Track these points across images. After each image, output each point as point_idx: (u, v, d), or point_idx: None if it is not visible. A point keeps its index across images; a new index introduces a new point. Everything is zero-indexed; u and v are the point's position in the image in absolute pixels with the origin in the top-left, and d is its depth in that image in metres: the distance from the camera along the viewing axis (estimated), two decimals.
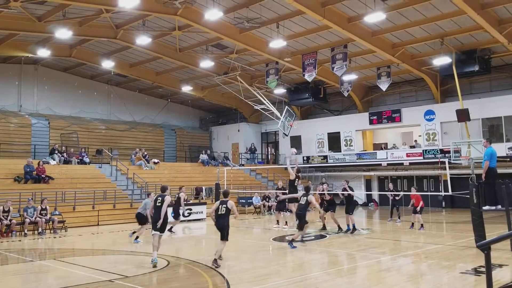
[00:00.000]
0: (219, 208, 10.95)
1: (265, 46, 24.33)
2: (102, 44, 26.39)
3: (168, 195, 11.39)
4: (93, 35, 24.25)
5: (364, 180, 31.93)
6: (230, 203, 10.95)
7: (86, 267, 10.75)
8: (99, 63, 27.86)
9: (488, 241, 4.14)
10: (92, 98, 32.47)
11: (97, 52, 27.74)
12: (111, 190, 22.35)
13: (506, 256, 10.91)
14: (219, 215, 10.92)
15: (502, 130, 25.56)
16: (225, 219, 10.89)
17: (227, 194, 11.33)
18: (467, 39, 23.09)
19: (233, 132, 37.16)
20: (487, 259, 4.01)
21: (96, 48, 27.20)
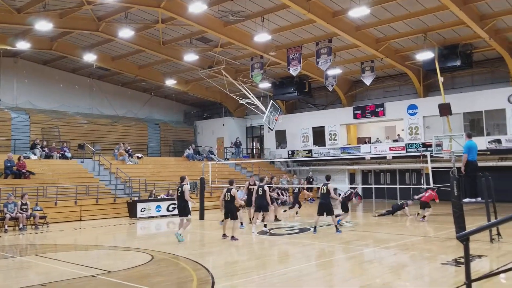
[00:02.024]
0: (225, 195, 13.31)
1: (250, 40, 24.26)
2: (83, 36, 26.03)
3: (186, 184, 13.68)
4: (74, 28, 23.90)
5: (348, 174, 32.15)
6: (233, 191, 13.16)
7: (68, 263, 10.63)
8: (81, 56, 27.46)
9: (466, 232, 4.20)
10: (73, 92, 32.04)
11: (78, 45, 27.35)
12: (93, 185, 22.14)
13: (485, 247, 11.09)
14: (226, 201, 13.23)
15: (482, 124, 25.95)
16: (232, 204, 13.10)
17: (232, 183, 13.63)
18: (449, 34, 23.33)
19: (218, 127, 37.06)
20: (466, 250, 4.07)
21: (78, 41, 26.83)
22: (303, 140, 33.39)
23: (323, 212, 14.45)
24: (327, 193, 14.44)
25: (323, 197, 14.56)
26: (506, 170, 24.74)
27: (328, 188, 14.39)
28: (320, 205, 14.63)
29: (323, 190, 14.54)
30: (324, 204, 14.48)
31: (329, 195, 14.44)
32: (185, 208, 13.47)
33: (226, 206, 13.34)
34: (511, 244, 11.64)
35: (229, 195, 13.22)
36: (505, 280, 8.04)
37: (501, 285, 7.73)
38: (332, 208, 14.56)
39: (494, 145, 24.71)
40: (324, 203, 14.49)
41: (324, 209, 14.47)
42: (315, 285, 8.18)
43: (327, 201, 14.44)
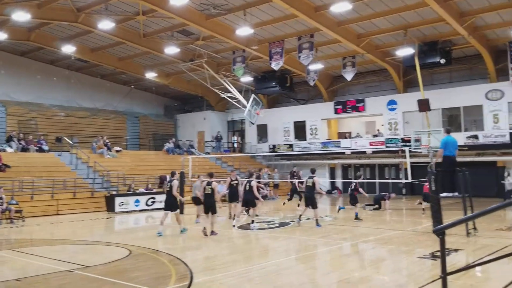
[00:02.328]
0: (205, 188, 13.08)
1: (232, 34, 24.10)
2: (62, 28, 25.53)
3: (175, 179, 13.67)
4: (52, 19, 23.40)
5: (329, 168, 32.34)
6: (214, 184, 12.99)
7: (44, 258, 10.46)
8: (59, 47, 26.88)
9: (442, 226, 4.23)
10: (51, 84, 31.38)
11: (57, 36, 26.82)
12: (71, 178, 21.83)
13: (462, 241, 11.27)
14: (206, 195, 13.00)
15: (460, 120, 26.34)
16: (212, 198, 12.91)
17: (212, 175, 13.56)
18: (429, 30, 23.55)
19: (199, 120, 36.85)
20: (441, 244, 4.09)
21: (56, 32, 26.31)
22: (285, 135, 33.45)
23: (309, 205, 14.69)
24: (313, 186, 14.68)
25: (309, 190, 14.80)
26: (483, 165, 25.17)
27: (314, 181, 14.64)
28: (306, 198, 14.90)
29: (308, 183, 14.79)
30: (309, 197, 14.73)
31: (315, 188, 14.63)
32: (174, 203, 13.42)
33: (206, 200, 13.10)
34: (487, 238, 11.84)
35: (210, 189, 12.97)
36: (481, 273, 8.17)
37: (477, 278, 7.85)
38: (316, 202, 14.78)
39: (472, 141, 25.09)
40: (309, 196, 14.74)
41: (309, 202, 14.68)
42: (295, 279, 8.19)
43: (313, 194, 14.70)
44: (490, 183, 24.88)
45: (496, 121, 24.69)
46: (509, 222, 15.38)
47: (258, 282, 7.94)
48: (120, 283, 7.94)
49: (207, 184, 13.10)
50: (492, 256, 8.20)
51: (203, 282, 7.87)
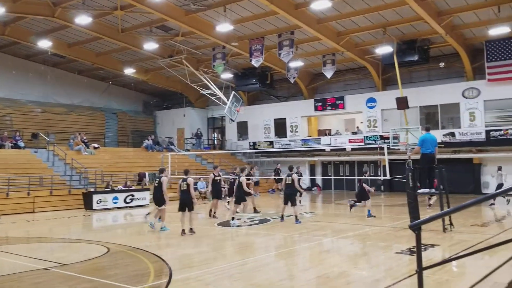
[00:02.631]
0: (181, 185, 12.81)
1: (211, 30, 23.99)
2: (38, 22, 25.06)
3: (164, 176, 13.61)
4: (28, 13, 22.96)
5: (309, 165, 32.50)
6: (190, 180, 12.78)
7: (20, 256, 10.27)
8: (35, 42, 26.37)
9: (418, 221, 4.27)
10: (27, 79, 30.76)
11: (33, 31, 26.29)
12: (47, 176, 21.46)
13: (438, 237, 11.44)
14: (182, 191, 12.77)
15: (438, 118, 26.74)
16: (188, 194, 12.64)
17: (187, 172, 13.28)
18: (408, 29, 23.82)
19: (178, 117, 36.60)
20: (417, 239, 4.14)
21: (32, 26, 25.80)
22: (265, 132, 33.48)
23: (288, 202, 14.81)
24: (292, 183, 14.79)
25: (288, 188, 14.88)
26: (460, 162, 25.62)
27: (293, 179, 14.77)
28: (285, 195, 14.97)
29: (288, 181, 14.88)
30: (288, 195, 14.83)
31: (294, 185, 14.77)
32: (161, 199, 13.47)
33: (182, 197, 12.88)
34: (463, 233, 12.04)
35: (185, 185, 12.79)
36: (456, 268, 8.30)
37: (452, 273, 7.97)
38: (295, 199, 14.98)
39: (448, 138, 25.52)
40: (288, 193, 14.83)
41: (288, 200, 14.79)
42: (274, 275, 8.20)
43: (293, 191, 14.84)
44: (466, 179, 25.35)
45: (473, 119, 25.14)
46: (484, 218, 15.68)
47: (237, 279, 7.93)
48: (97, 281, 7.85)
49: (182, 181, 12.86)
50: (467, 251, 8.35)
51: (182, 279, 7.83)
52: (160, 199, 13.50)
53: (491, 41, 24.00)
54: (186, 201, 12.71)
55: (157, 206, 13.81)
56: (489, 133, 24.40)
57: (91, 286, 7.61)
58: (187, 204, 12.72)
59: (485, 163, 25.80)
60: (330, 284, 7.32)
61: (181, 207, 12.81)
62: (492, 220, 14.86)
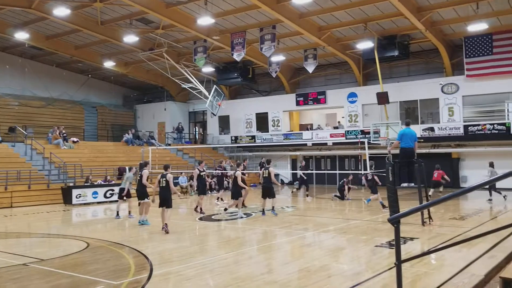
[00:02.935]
0: (160, 181, 12.35)
1: (193, 23, 23.81)
2: (15, 14, 24.52)
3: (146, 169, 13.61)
4: (5, 4, 22.44)
5: (290, 160, 32.61)
6: (169, 176, 12.30)
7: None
8: (12, 34, 25.84)
9: (397, 215, 4.32)
10: (4, 72, 30.16)
11: (9, 23, 25.73)
12: (25, 170, 21.11)
13: (417, 230, 11.60)
14: (161, 188, 12.30)
15: (417, 113, 27.07)
16: (167, 191, 12.21)
17: (167, 168, 12.76)
18: (388, 25, 24.01)
19: (159, 111, 36.34)
20: (396, 232, 4.19)
21: (9, 18, 25.24)
22: (247, 126, 33.46)
23: (266, 195, 15.15)
24: (268, 176, 15.12)
25: (265, 181, 15.20)
26: (438, 157, 26.00)
27: (270, 172, 15.10)
28: (263, 188, 15.29)
29: (265, 174, 15.26)
30: (266, 188, 15.17)
31: (271, 178, 15.04)
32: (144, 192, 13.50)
33: (161, 193, 12.39)
34: (441, 227, 12.24)
35: (164, 181, 12.31)
36: (435, 260, 8.43)
37: (431, 265, 8.10)
38: (273, 192, 15.26)
39: (428, 133, 25.87)
40: (266, 186, 15.15)
41: (266, 193, 15.14)
42: (256, 268, 8.21)
43: (270, 184, 15.13)
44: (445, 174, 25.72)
45: (451, 114, 25.53)
46: (462, 211, 15.95)
47: (218, 273, 7.92)
48: (77, 276, 7.76)
49: (162, 177, 12.40)
50: (446, 244, 8.49)
51: (163, 274, 7.79)
52: (144, 192, 13.55)
53: (470, 37, 24.37)
54: (165, 198, 12.25)
55: (139, 200, 13.71)
56: (467, 128, 24.81)
57: (70, 281, 7.52)
58: (165, 200, 12.25)
59: (463, 157, 26.26)
60: (311, 278, 7.36)
61: (161, 203, 12.34)
62: (470, 214, 15.12)
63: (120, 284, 7.23)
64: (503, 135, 23.75)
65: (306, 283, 7.08)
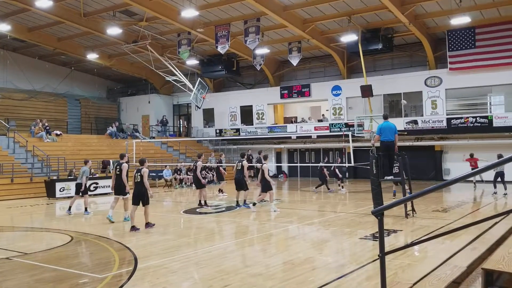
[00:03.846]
0: (135, 176, 11.53)
1: (176, 15, 23.64)
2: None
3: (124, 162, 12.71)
4: None
5: (275, 153, 32.69)
6: (144, 170, 11.45)
7: None
8: None
9: (381, 207, 4.37)
10: None
11: None
12: (8, 163, 20.84)
13: (401, 223, 11.75)
14: (136, 183, 11.46)
15: (401, 106, 27.30)
16: (142, 186, 11.34)
17: (142, 162, 11.84)
18: (372, 18, 24.12)
19: (143, 104, 36.07)
20: (380, 224, 4.23)
21: None
22: (231, 119, 33.42)
23: (239, 188, 15.48)
24: (241, 169, 15.42)
25: (238, 173, 15.51)
26: (422, 149, 26.33)
27: (243, 165, 15.45)
28: (236, 180, 15.62)
29: (238, 167, 15.56)
30: (238, 180, 15.45)
31: (243, 171, 15.41)
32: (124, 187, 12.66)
33: (135, 189, 11.45)
34: (424, 219, 12.41)
35: (139, 176, 11.39)
36: (418, 252, 8.56)
37: (414, 258, 8.21)
38: (246, 184, 15.55)
39: (411, 126, 26.13)
40: (238, 178, 15.45)
41: (239, 185, 15.46)
42: (240, 261, 8.25)
43: (241, 176, 15.41)
44: (428, 166, 26.09)
45: (435, 107, 25.80)
46: (445, 204, 16.19)
47: (203, 266, 7.94)
48: (61, 270, 7.71)
49: (137, 172, 11.50)
50: (429, 236, 8.61)
51: (148, 267, 7.78)
52: (123, 187, 12.70)
53: (453, 31, 24.61)
54: (140, 194, 11.34)
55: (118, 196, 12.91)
56: (450, 121, 25.12)
57: (54, 275, 7.47)
58: (141, 197, 11.37)
59: (446, 150, 26.59)
60: (295, 270, 7.42)
61: (135, 201, 11.43)
62: (453, 206, 15.35)
63: (105, 277, 7.20)
64: (486, 128, 24.10)
65: (290, 275, 7.14)
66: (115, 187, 12.99)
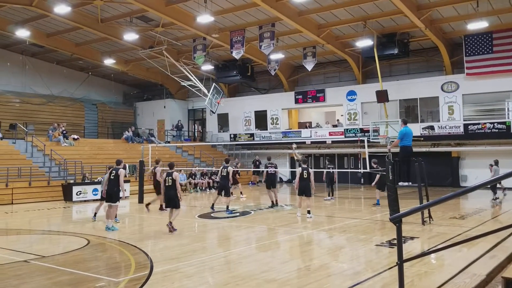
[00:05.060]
0: (166, 179, 11.87)
1: (192, 21, 23.79)
2: (16, 11, 24.46)
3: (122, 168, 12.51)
4: (6, 1, 22.38)
5: (289, 158, 32.61)
6: (175, 174, 11.83)
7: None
8: (13, 31, 25.82)
9: (399, 214, 4.34)
10: (5, 69, 30.16)
11: (11, 20, 25.67)
12: (26, 167, 21.12)
13: (417, 230, 11.63)
14: (167, 186, 11.81)
15: (417, 111, 27.09)
16: (174, 190, 11.75)
17: (172, 166, 12.26)
18: (388, 22, 24.00)
19: (159, 109, 36.33)
20: (398, 231, 4.21)
21: (10, 15, 25.18)
22: (245, 124, 33.48)
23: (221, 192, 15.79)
24: (227, 175, 15.65)
25: (223, 179, 15.84)
26: (438, 155, 26.04)
27: (228, 171, 15.71)
28: (219, 185, 16.19)
29: (223, 173, 15.80)
30: (223, 185, 15.88)
31: (229, 177, 15.65)
32: (116, 194, 12.31)
33: (167, 192, 11.89)
34: (441, 226, 12.27)
35: (170, 180, 11.82)
36: (435, 260, 8.46)
37: (431, 265, 8.13)
38: (229, 191, 16.04)
39: (428, 132, 25.89)
40: (223, 184, 15.82)
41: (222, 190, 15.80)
42: (255, 267, 8.24)
43: (226, 183, 15.72)
44: (445, 173, 25.80)
45: (451, 113, 25.53)
46: (462, 211, 15.99)
47: (218, 271, 7.96)
48: (78, 273, 7.79)
49: (167, 175, 11.90)
50: (446, 244, 8.51)
51: (163, 272, 7.82)
52: (115, 194, 12.28)
53: (470, 36, 24.37)
54: (172, 197, 11.76)
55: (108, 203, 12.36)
56: (467, 127, 24.83)
57: (71, 278, 7.55)
58: (173, 200, 11.79)
59: (463, 156, 26.26)
60: (311, 276, 7.39)
61: (168, 204, 11.91)
62: (471, 213, 15.15)
63: (121, 281, 7.26)
64: (503, 134, 23.75)
65: (305, 281, 7.12)
66: (106, 193, 12.44)
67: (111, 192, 12.29)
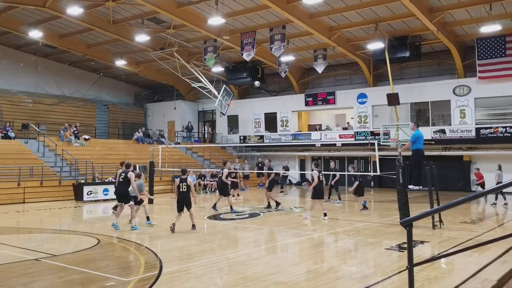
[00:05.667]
0: (180, 185, 12.10)
1: (203, 23, 23.89)
2: (29, 12, 24.77)
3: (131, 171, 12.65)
4: (19, 3, 22.69)
5: (299, 160, 32.60)
6: (189, 181, 12.07)
7: (10, 246, 10.26)
8: (26, 32, 26.13)
9: (410, 218, 4.33)
10: (18, 70, 30.54)
11: (24, 21, 26.01)
12: (38, 166, 21.34)
13: (428, 234, 11.55)
14: (180, 192, 12.12)
15: (428, 115, 26.90)
16: (187, 194, 12.06)
17: (185, 172, 12.36)
18: (399, 25, 23.90)
19: (169, 110, 36.49)
20: (408, 235, 4.20)
21: (23, 16, 25.51)
22: (255, 126, 33.49)
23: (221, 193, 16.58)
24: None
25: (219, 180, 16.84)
26: (450, 159, 25.83)
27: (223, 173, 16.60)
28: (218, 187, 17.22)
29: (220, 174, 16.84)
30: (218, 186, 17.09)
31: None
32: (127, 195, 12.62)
33: (181, 197, 12.15)
34: (452, 230, 12.17)
35: (185, 186, 12.02)
36: (445, 265, 8.40)
37: (442, 270, 8.07)
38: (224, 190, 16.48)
39: (439, 135, 25.71)
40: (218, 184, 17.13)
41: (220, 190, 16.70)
42: (263, 269, 8.24)
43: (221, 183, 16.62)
44: (456, 177, 25.59)
45: (463, 117, 25.33)
46: (473, 215, 15.85)
47: (226, 272, 7.97)
48: (88, 272, 7.85)
49: (181, 181, 12.08)
50: (456, 248, 8.45)
51: (172, 272, 7.85)
52: (126, 195, 12.60)
53: (482, 39, 24.16)
54: (184, 200, 12.10)
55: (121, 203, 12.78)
56: (479, 131, 24.62)
57: (81, 277, 7.61)
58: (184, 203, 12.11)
59: (475, 160, 26.01)
60: (319, 279, 7.38)
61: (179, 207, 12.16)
62: (482, 217, 15.02)
63: (131, 281, 7.31)
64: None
65: (314, 284, 7.10)
66: (117, 195, 12.93)
67: (123, 193, 12.71)
